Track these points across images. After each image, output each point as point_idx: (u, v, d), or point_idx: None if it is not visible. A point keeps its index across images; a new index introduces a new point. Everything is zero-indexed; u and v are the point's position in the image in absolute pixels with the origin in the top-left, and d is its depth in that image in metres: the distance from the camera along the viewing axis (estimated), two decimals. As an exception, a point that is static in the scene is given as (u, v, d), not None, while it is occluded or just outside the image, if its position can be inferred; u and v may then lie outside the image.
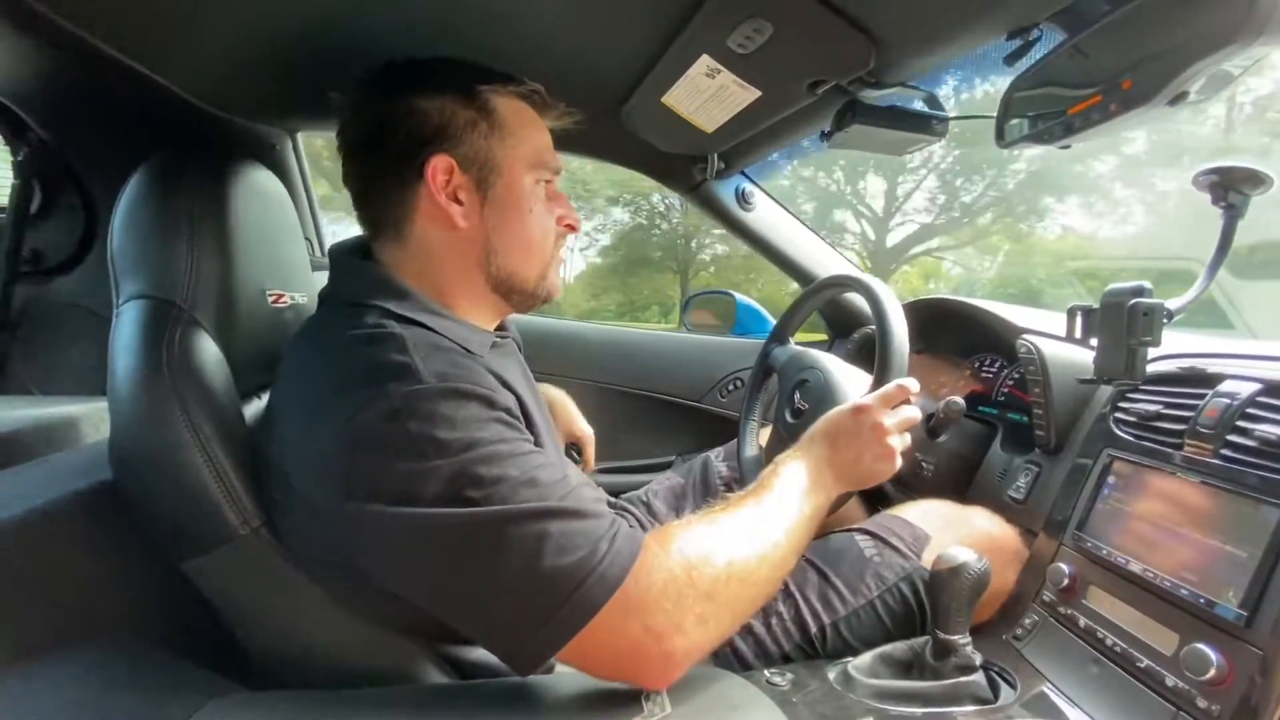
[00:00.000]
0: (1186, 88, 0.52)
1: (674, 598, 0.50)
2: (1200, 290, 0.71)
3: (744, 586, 0.54)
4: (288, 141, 1.16)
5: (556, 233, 0.70)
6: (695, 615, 0.50)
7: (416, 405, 0.50)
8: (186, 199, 0.65)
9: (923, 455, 0.94)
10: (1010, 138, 0.68)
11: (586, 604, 0.48)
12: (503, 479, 0.49)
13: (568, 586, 0.48)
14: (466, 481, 0.49)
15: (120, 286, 0.64)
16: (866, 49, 0.70)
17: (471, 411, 0.52)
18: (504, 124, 0.65)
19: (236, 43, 0.72)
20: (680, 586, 0.50)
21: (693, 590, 0.51)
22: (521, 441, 0.54)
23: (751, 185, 1.34)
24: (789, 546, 0.58)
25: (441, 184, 0.63)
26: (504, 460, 0.51)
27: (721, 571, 0.52)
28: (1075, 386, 0.82)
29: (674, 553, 0.52)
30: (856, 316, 1.42)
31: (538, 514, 0.49)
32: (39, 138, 0.92)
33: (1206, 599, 0.56)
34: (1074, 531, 0.72)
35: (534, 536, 0.48)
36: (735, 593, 0.53)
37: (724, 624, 0.53)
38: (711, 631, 0.52)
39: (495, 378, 0.58)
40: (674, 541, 0.53)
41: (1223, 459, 0.61)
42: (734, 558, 0.54)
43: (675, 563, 0.51)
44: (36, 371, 1.01)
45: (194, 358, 0.60)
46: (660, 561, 0.51)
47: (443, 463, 0.49)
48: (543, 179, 0.69)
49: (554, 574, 0.48)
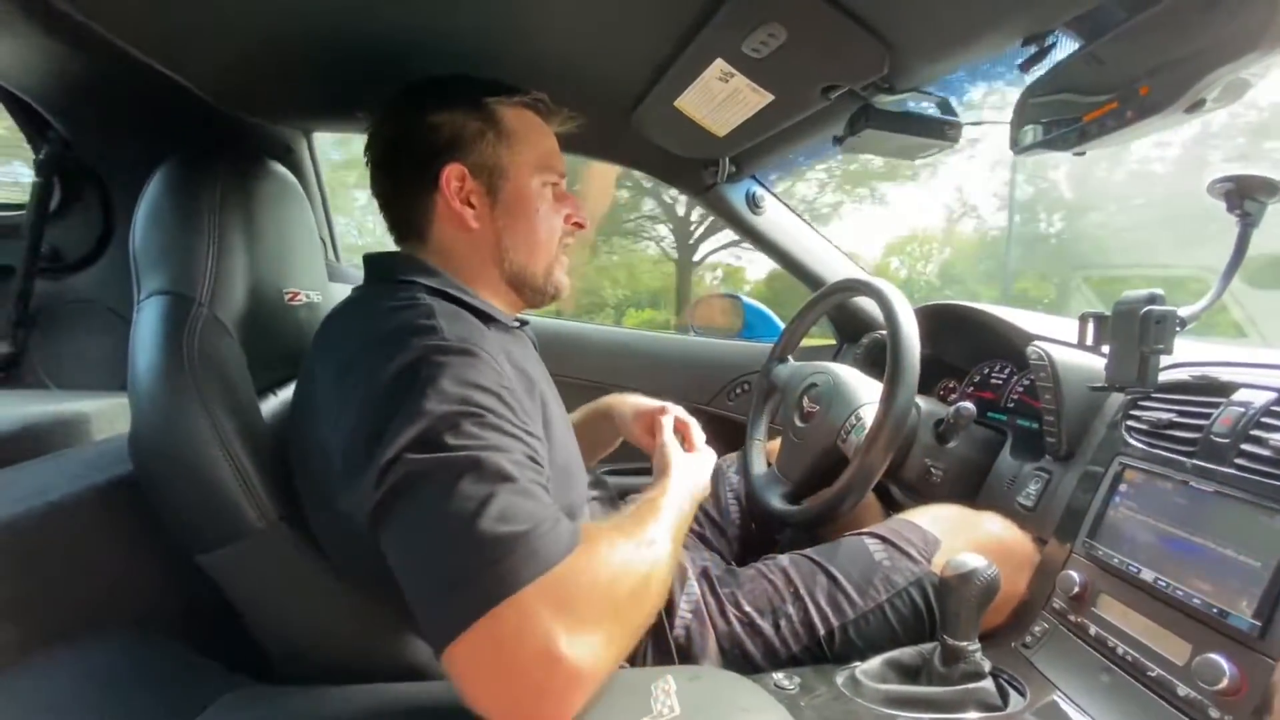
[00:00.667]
0: (1204, 95, 0.52)
1: (597, 606, 0.47)
2: (1213, 298, 0.71)
3: (641, 610, 0.52)
4: (304, 142, 1.17)
5: (564, 230, 0.76)
6: (607, 632, 0.47)
7: (432, 357, 0.52)
8: (208, 198, 0.66)
9: (932, 461, 0.93)
10: (1024, 144, 0.68)
11: (510, 577, 0.44)
12: (477, 438, 0.49)
13: (496, 553, 0.45)
14: (447, 428, 0.49)
15: (142, 283, 0.65)
16: (881, 54, 0.70)
17: (479, 373, 0.53)
18: (510, 132, 0.71)
19: (256, 46, 0.73)
20: (596, 600, 0.48)
21: (610, 608, 0.48)
22: (512, 422, 0.53)
23: (762, 189, 1.34)
24: (671, 571, 0.57)
25: (455, 190, 0.70)
26: (486, 424, 0.51)
27: (637, 588, 0.51)
28: (1086, 393, 0.82)
29: (585, 565, 0.49)
30: (865, 321, 1.42)
31: (492, 475, 0.48)
32: (60, 136, 0.94)
33: (1219, 609, 0.56)
34: (1085, 539, 0.71)
35: (480, 496, 0.46)
36: (637, 614, 0.51)
37: (623, 648, 0.50)
38: (615, 654, 0.48)
39: (508, 356, 0.60)
40: (585, 555, 0.50)
41: (1236, 468, 0.60)
42: (634, 575, 0.52)
43: (590, 573, 0.49)
44: (53, 366, 1.02)
45: (214, 353, 0.61)
46: (595, 563, 0.49)
47: (436, 408, 0.50)
48: (549, 181, 0.74)
49: (489, 537, 0.45)
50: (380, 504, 0.48)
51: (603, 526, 0.56)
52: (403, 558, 0.49)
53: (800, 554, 0.79)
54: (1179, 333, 0.69)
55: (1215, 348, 0.83)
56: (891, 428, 0.79)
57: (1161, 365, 0.70)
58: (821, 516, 0.85)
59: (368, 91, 0.80)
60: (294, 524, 0.59)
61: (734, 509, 1.07)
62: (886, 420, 0.79)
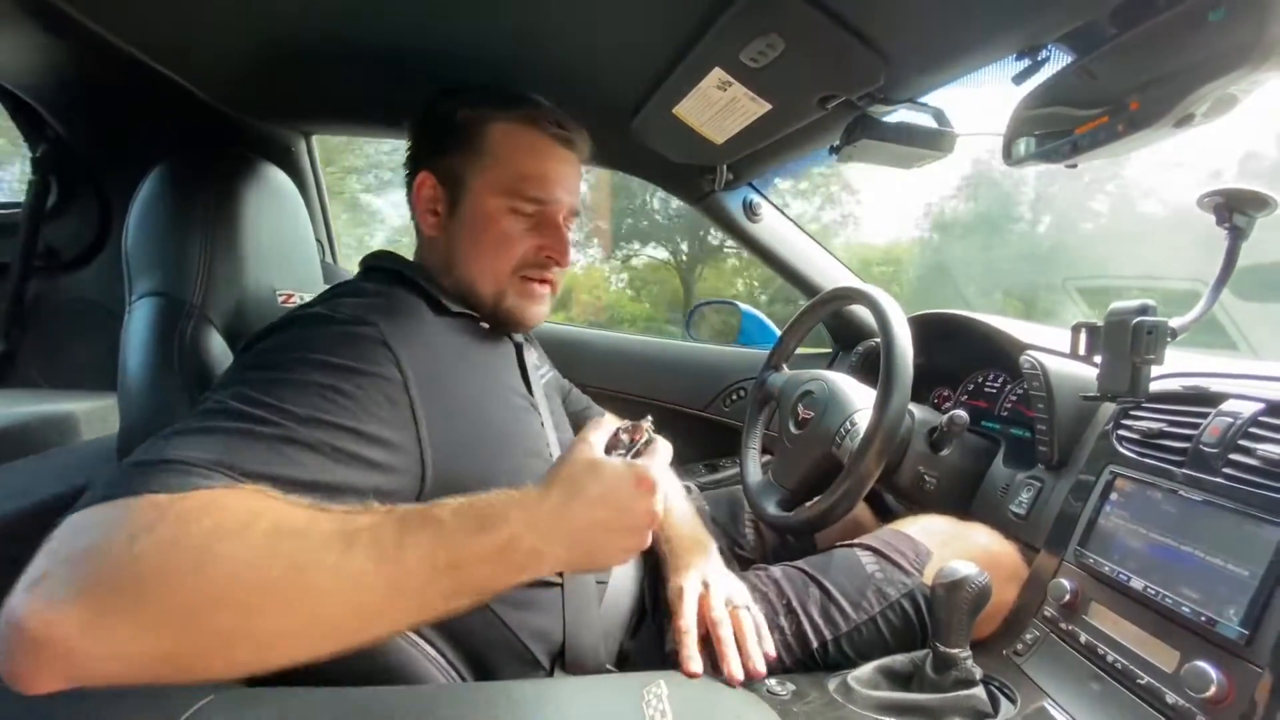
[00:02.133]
0: (1193, 110, 0.53)
1: (113, 566, 0.36)
2: (1204, 310, 0.72)
3: (233, 619, 0.37)
4: (302, 143, 1.17)
5: (534, 261, 0.73)
6: (122, 609, 0.35)
7: (294, 327, 0.55)
8: (201, 199, 0.66)
9: (926, 469, 0.94)
10: (1017, 156, 0.69)
11: (121, 482, 0.39)
12: (276, 394, 0.48)
13: (141, 456, 0.41)
14: (257, 384, 0.48)
15: (133, 284, 0.65)
16: (877, 66, 0.71)
17: (334, 344, 0.53)
18: (484, 150, 0.71)
19: (256, 47, 0.73)
20: (123, 565, 0.36)
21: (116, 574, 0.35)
22: (343, 406, 0.50)
23: (758, 197, 1.35)
24: (382, 595, 0.41)
25: (426, 196, 0.73)
26: (298, 389, 0.49)
27: (217, 586, 0.37)
28: (1078, 403, 0.82)
29: (177, 521, 0.37)
30: (860, 329, 1.43)
31: (242, 398, 0.47)
32: (57, 134, 0.94)
33: (1208, 617, 0.56)
34: (1076, 548, 0.72)
35: (213, 411, 0.46)
36: (214, 621, 0.37)
37: (159, 648, 0.36)
38: (133, 646, 0.35)
39: (433, 342, 0.62)
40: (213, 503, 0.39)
41: (1225, 478, 0.61)
42: (242, 579, 0.37)
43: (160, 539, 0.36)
44: (46, 365, 1.02)
45: (204, 355, 0.61)
46: (169, 517, 0.37)
47: (273, 358, 0.51)
48: (518, 208, 0.71)
49: (162, 444, 0.42)
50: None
51: (290, 499, 0.42)
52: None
53: (792, 565, 0.79)
54: (1170, 343, 0.69)
55: (1205, 358, 0.84)
56: (885, 434, 0.79)
57: (1153, 375, 0.71)
58: (816, 523, 0.85)
59: (367, 95, 0.81)
60: None
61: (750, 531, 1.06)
62: (880, 426, 0.79)
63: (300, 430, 0.47)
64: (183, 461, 0.41)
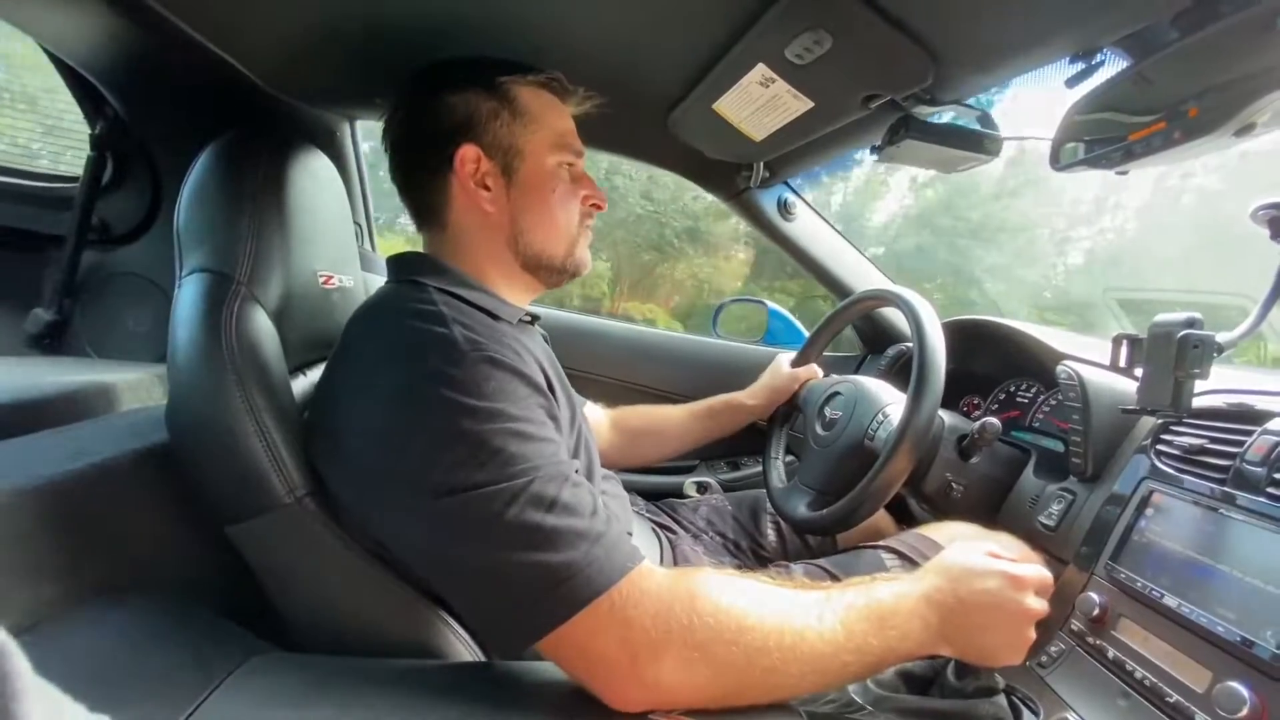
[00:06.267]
0: (1254, 119, 0.52)
1: (662, 628, 0.49)
2: (1253, 326, 0.70)
3: (748, 661, 0.50)
4: (346, 128, 1.20)
5: (582, 212, 0.75)
6: (681, 656, 0.48)
7: (450, 371, 0.53)
8: (250, 179, 0.68)
9: (953, 476, 0.93)
10: (1065, 161, 0.68)
11: (567, 602, 0.48)
12: (516, 457, 0.51)
13: (550, 582, 0.48)
14: (486, 454, 0.50)
15: (184, 259, 0.67)
16: (926, 65, 0.69)
17: (501, 382, 0.54)
18: (525, 111, 0.70)
19: (302, 29, 0.74)
20: (672, 622, 0.49)
21: (686, 633, 0.49)
22: (542, 424, 0.55)
23: (794, 196, 1.34)
24: (831, 665, 0.53)
25: (470, 172, 0.69)
26: (521, 439, 0.52)
27: (729, 633, 0.50)
28: (1116, 415, 0.80)
29: (684, 591, 0.51)
30: (889, 332, 1.41)
31: (535, 501, 0.50)
32: (115, 113, 0.97)
33: (1244, 637, 0.55)
34: (1107, 562, 0.71)
35: (529, 527, 0.49)
36: (733, 660, 0.49)
37: (711, 682, 0.49)
38: (696, 679, 0.49)
39: (523, 347, 0.60)
40: (695, 582, 0.52)
41: (1269, 497, 0.59)
42: (753, 630, 0.50)
43: (679, 598, 0.50)
44: (95, 336, 1.06)
45: (250, 331, 0.63)
46: (659, 587, 0.50)
47: (467, 428, 0.51)
48: (565, 162, 0.73)
49: (540, 567, 0.48)
50: (431, 533, 0.52)
51: (734, 572, 0.56)
52: (445, 580, 0.54)
53: (814, 564, 0.79)
54: (1216, 359, 0.68)
55: (1250, 375, 0.82)
56: (918, 429, 0.78)
57: (1195, 391, 0.69)
58: (846, 519, 0.84)
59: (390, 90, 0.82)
60: (319, 500, 0.61)
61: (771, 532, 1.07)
62: (912, 421, 0.78)
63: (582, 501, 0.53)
64: (603, 554, 0.50)
